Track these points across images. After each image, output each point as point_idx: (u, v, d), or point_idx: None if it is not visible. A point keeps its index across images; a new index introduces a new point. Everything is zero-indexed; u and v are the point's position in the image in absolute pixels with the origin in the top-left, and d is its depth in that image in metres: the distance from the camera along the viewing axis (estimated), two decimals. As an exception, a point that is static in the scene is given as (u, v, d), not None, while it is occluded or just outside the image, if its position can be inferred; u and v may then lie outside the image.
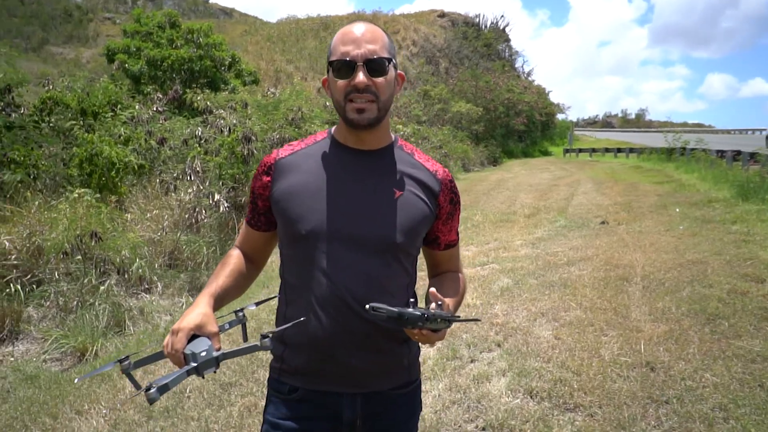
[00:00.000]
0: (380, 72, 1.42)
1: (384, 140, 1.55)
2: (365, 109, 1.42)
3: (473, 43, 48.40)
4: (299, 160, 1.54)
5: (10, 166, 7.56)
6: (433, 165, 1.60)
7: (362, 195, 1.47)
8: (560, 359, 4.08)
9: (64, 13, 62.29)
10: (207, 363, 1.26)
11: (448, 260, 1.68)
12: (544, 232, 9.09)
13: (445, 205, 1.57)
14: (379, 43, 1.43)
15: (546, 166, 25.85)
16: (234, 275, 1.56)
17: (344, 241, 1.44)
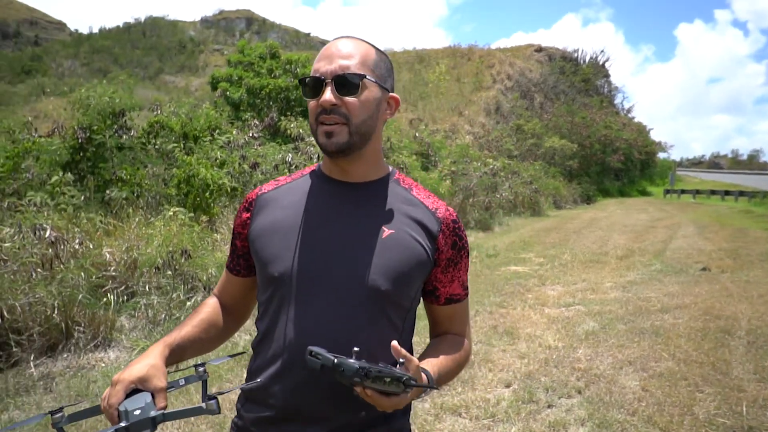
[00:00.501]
0: (351, 90, 1.22)
1: (373, 173, 1.34)
2: (333, 132, 1.23)
3: (570, 78, 47.42)
4: (281, 195, 1.37)
5: (117, 184, 8.14)
6: (434, 202, 1.36)
7: (343, 232, 1.28)
8: (647, 413, 3.76)
9: (179, 45, 67.36)
10: (140, 424, 1.08)
11: (450, 319, 1.41)
12: (637, 275, 8.57)
13: (446, 249, 1.32)
14: (357, 59, 1.25)
15: (644, 207, 24.62)
16: (203, 325, 1.38)
17: (317, 286, 1.25)
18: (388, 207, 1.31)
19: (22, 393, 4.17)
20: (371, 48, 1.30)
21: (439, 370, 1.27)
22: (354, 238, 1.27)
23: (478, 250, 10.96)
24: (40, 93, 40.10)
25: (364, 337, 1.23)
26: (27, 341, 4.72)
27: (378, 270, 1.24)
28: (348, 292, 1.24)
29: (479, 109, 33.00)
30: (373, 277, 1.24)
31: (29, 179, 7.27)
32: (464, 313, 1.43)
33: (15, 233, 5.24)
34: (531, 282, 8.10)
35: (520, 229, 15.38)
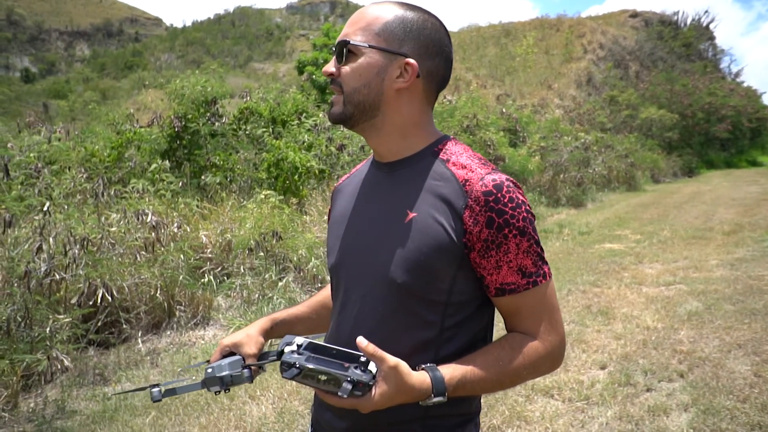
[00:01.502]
0: (341, 59, 1.17)
1: (404, 148, 1.21)
2: (333, 102, 1.20)
3: (669, 44, 44.38)
4: (347, 185, 1.38)
5: (212, 170, 8.50)
6: (469, 171, 1.14)
7: (372, 220, 1.21)
8: (760, 401, 3.48)
9: (266, 33, 69.25)
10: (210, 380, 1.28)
11: (513, 315, 1.16)
12: (747, 252, 7.94)
13: (477, 229, 1.09)
14: (361, 23, 1.16)
15: (754, 178, 22.77)
16: (315, 306, 1.46)
17: (352, 279, 1.22)
18: (417, 186, 1.16)
19: (132, 367, 4.48)
20: (394, 8, 1.17)
21: (465, 374, 1.07)
22: (379, 225, 1.19)
23: (570, 228, 10.57)
24: (141, 86, 42.62)
25: (393, 337, 1.13)
26: (134, 319, 5.06)
27: (395, 260, 1.13)
28: (373, 287, 1.16)
29: (569, 81, 31.63)
30: (391, 268, 1.13)
31: (132, 167, 7.73)
32: (534, 307, 1.15)
33: (121, 218, 5.60)
34: (627, 260, 7.72)
35: (614, 204, 14.69)
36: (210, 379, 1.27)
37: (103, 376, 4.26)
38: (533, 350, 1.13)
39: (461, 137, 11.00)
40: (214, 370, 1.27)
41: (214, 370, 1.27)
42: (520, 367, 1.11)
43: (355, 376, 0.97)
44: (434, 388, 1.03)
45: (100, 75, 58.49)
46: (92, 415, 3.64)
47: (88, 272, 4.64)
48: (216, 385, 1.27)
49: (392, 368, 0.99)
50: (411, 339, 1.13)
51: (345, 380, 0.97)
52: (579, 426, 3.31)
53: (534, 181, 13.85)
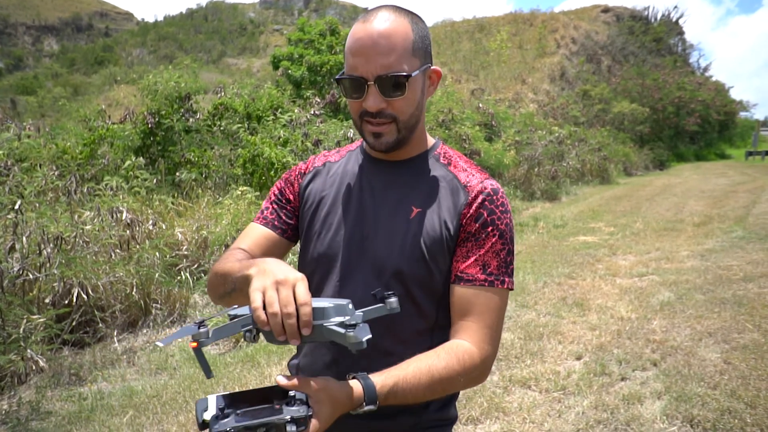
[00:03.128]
0: (397, 91, 1.14)
1: (416, 149, 1.29)
2: (382, 132, 1.18)
3: (640, 39, 45.05)
4: (330, 171, 1.35)
5: (186, 166, 8.41)
6: (470, 175, 1.25)
7: (376, 213, 1.24)
8: (730, 387, 3.58)
9: (240, 28, 68.54)
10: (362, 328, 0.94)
11: (463, 312, 1.18)
12: (717, 243, 8.14)
13: (468, 222, 1.20)
14: (397, 51, 1.12)
15: (723, 171, 23.29)
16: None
17: (349, 268, 1.22)
18: (421, 184, 1.25)
19: (108, 366, 4.42)
20: (407, 23, 1.16)
21: (397, 381, 1.06)
22: (385, 218, 1.23)
23: (545, 221, 10.70)
24: (113, 82, 41.89)
25: (393, 325, 1.16)
26: (110, 318, 5.00)
27: (403, 252, 1.19)
28: (374, 276, 1.19)
29: (543, 76, 31.94)
30: (398, 259, 1.19)
31: (105, 164, 7.61)
32: (483, 310, 1.17)
33: (94, 216, 5.51)
34: (601, 252, 7.85)
35: (588, 198, 14.90)
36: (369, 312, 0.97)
37: (78, 376, 4.20)
38: (469, 357, 1.14)
39: (437, 132, 11.05)
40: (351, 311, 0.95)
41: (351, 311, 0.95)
42: (454, 374, 1.11)
43: (292, 413, 0.92)
44: (366, 397, 1.02)
45: (69, 70, 57.28)
46: (68, 415, 3.59)
47: (63, 271, 4.56)
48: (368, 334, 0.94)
49: (320, 389, 0.97)
50: (411, 326, 1.20)
51: (286, 422, 0.90)
52: (556, 416, 3.37)
53: (509, 175, 13.98)
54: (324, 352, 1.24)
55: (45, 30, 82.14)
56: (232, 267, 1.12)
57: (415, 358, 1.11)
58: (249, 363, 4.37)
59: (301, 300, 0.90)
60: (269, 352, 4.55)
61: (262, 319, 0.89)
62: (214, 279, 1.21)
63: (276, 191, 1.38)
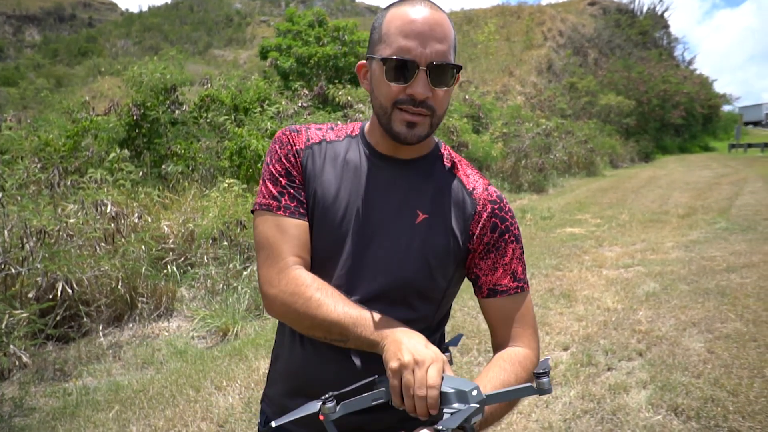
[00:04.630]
0: (444, 81, 1.10)
1: (424, 148, 1.24)
2: (417, 123, 1.11)
3: (626, 32, 45.27)
4: (328, 154, 1.23)
5: (173, 159, 8.33)
6: (474, 180, 1.24)
7: (381, 213, 1.18)
8: (713, 376, 3.62)
9: (226, 19, 67.92)
10: (478, 409, 0.92)
11: (504, 320, 1.20)
12: (701, 234, 8.22)
13: (482, 233, 1.19)
14: (449, 41, 1.10)
15: (707, 163, 23.53)
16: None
17: (354, 270, 1.16)
18: (427, 188, 1.21)
19: (93, 361, 4.38)
20: (449, 19, 1.14)
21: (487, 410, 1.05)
22: (389, 221, 1.17)
23: (533, 213, 10.75)
24: (97, 73, 41.36)
25: None
26: (95, 312, 4.95)
27: (406, 258, 1.16)
28: (377, 280, 1.15)
29: (530, 68, 32.01)
30: (402, 265, 1.15)
31: (89, 157, 7.52)
32: (522, 313, 1.20)
33: (78, 209, 5.45)
34: (588, 243, 7.90)
35: (575, 190, 14.99)
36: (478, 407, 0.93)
37: (63, 371, 4.16)
38: (530, 362, 1.16)
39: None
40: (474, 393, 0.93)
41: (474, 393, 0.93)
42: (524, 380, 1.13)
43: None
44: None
45: (52, 61, 56.43)
46: (52, 411, 3.56)
47: (46, 265, 4.50)
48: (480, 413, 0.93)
49: None
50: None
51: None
52: (543, 406, 3.39)
53: (497, 167, 14.01)
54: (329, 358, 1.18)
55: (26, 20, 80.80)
56: (339, 318, 1.08)
57: (487, 378, 1.09)
58: (237, 356, 4.35)
59: (431, 383, 0.93)
60: (257, 345, 4.54)
61: (398, 402, 0.97)
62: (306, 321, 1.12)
63: (281, 171, 1.21)
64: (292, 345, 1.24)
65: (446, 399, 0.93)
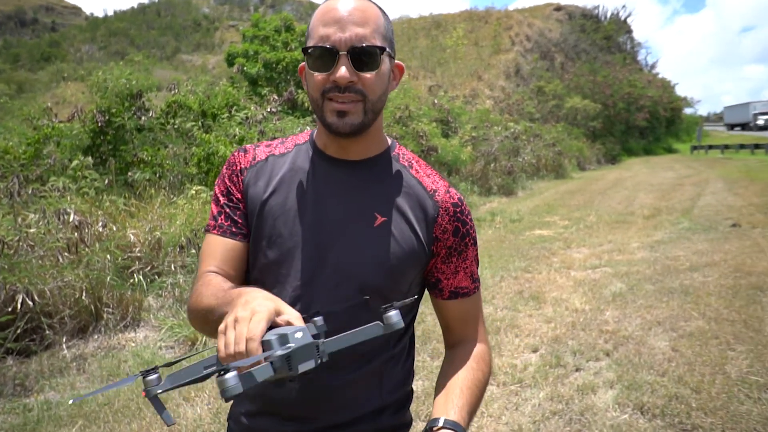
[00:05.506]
0: (370, 64, 1.07)
1: (374, 148, 1.20)
2: (348, 111, 1.07)
3: (591, 36, 46.19)
4: (275, 167, 1.21)
5: (139, 166, 8.19)
6: (434, 183, 1.21)
7: (335, 218, 1.14)
8: (677, 374, 3.70)
9: (194, 23, 67.19)
10: (304, 349, 0.82)
11: (461, 320, 1.23)
12: (665, 234, 8.41)
13: (445, 237, 1.18)
14: (371, 25, 1.08)
15: (670, 165, 24.10)
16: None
17: (310, 281, 1.13)
18: (383, 189, 1.17)
19: (56, 374, 4.26)
20: (376, 8, 1.13)
21: (469, 410, 1.09)
22: (345, 226, 1.14)
23: (502, 216, 10.86)
24: (60, 79, 40.51)
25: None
26: (59, 324, 4.82)
27: (367, 263, 1.12)
28: (337, 286, 1.12)
29: (499, 72, 32.40)
30: (362, 270, 1.12)
31: (51, 165, 7.34)
32: (477, 310, 1.25)
33: (40, 219, 5.31)
34: (556, 245, 8.00)
35: (543, 192, 15.19)
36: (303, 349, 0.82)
37: (23, 386, 4.04)
38: (489, 356, 1.23)
39: (394, 128, 11.06)
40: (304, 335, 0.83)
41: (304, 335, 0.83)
42: (488, 377, 1.20)
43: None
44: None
45: (13, 67, 55.08)
46: (11, 428, 3.45)
47: (5, 277, 4.38)
48: (311, 359, 0.83)
49: None
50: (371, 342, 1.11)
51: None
52: (513, 408, 3.42)
53: (466, 170, 14.11)
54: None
55: (-14, 25, 78.74)
56: (209, 303, 1.06)
57: (461, 378, 1.14)
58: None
59: (249, 335, 0.83)
60: (226, 354, 4.47)
61: (223, 359, 0.85)
62: (195, 317, 1.12)
63: (222, 191, 1.22)
64: None
65: (268, 347, 0.83)
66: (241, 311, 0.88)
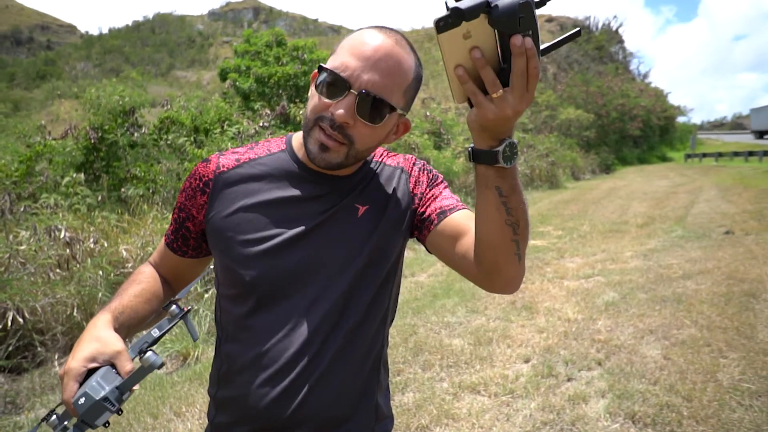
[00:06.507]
0: (371, 117, 1.04)
1: (355, 167, 1.22)
2: (330, 148, 1.06)
3: (583, 47, 46.56)
4: (246, 177, 1.17)
5: (132, 182, 8.20)
6: (394, 158, 1.26)
7: (323, 231, 1.14)
8: (669, 382, 3.70)
9: (188, 40, 67.50)
10: (92, 410, 0.88)
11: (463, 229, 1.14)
12: (658, 242, 8.43)
13: (420, 189, 1.22)
14: (396, 79, 1.05)
15: (664, 173, 24.20)
16: (146, 296, 1.16)
17: (300, 288, 1.12)
18: (363, 187, 1.20)
19: (47, 392, 4.24)
20: (414, 61, 1.09)
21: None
22: (331, 232, 1.14)
23: (496, 227, 10.84)
24: (56, 97, 40.58)
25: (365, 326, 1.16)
26: (51, 341, 4.80)
27: (354, 249, 1.14)
28: (338, 280, 1.12)
29: (492, 84, 32.55)
30: (349, 256, 1.13)
31: (43, 182, 7.35)
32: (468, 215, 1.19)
33: (31, 236, 5.31)
34: (549, 255, 8.02)
35: (537, 202, 15.22)
36: (91, 409, 0.88)
37: (14, 404, 4.02)
38: None
39: (387, 141, 11.12)
40: (87, 398, 0.88)
41: (87, 398, 0.88)
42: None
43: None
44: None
45: (9, 85, 55.18)
46: (3, 446, 3.43)
47: (-4, 294, 4.37)
48: (104, 412, 0.89)
49: None
50: (376, 317, 1.19)
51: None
52: (504, 419, 3.41)
53: (460, 182, 14.14)
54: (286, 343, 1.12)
55: (-19, 44, 78.88)
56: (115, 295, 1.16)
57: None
58: (197, 381, 4.27)
59: (64, 398, 0.93)
60: (218, 369, 4.46)
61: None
62: None
63: (179, 205, 1.22)
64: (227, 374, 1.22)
65: (78, 407, 0.90)
66: (67, 363, 0.95)
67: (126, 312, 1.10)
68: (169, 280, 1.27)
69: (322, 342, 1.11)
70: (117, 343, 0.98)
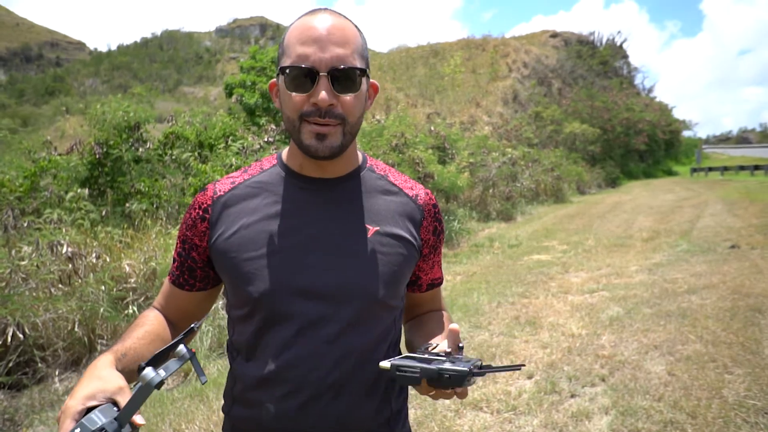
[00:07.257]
0: (350, 87, 1.06)
1: (351, 164, 1.20)
2: (327, 134, 1.06)
3: (588, 62, 46.65)
4: (242, 197, 1.17)
5: (137, 197, 8.23)
6: (413, 187, 1.25)
7: (325, 237, 1.13)
8: (673, 398, 3.65)
9: (196, 57, 68.20)
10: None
11: (431, 300, 1.36)
12: (663, 257, 8.37)
13: (428, 237, 1.24)
14: (351, 46, 1.06)
15: (670, 187, 24.09)
16: (149, 337, 1.13)
17: (311, 302, 1.10)
18: (368, 201, 1.18)
19: (47, 408, 4.22)
20: (354, 26, 1.11)
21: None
22: (338, 242, 1.13)
23: (500, 241, 10.83)
24: (63, 113, 40.97)
25: (365, 348, 1.14)
26: (52, 357, 4.79)
27: (370, 276, 1.13)
28: (341, 304, 1.11)
29: (497, 99, 32.63)
30: (365, 283, 1.12)
31: (47, 197, 7.38)
32: (441, 291, 1.40)
33: (33, 251, 5.32)
34: (554, 270, 7.97)
35: (542, 217, 15.17)
36: None
37: (13, 420, 4.00)
38: (449, 318, 1.33)
39: (390, 156, 11.11)
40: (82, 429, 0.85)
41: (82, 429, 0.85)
42: None
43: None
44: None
45: (18, 101, 55.79)
46: (1, 462, 3.41)
47: (-3, 310, 4.37)
48: None
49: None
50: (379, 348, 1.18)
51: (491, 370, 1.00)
52: (506, 436, 3.36)
53: (464, 196, 14.13)
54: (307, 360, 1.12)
55: (-8, 61, 79.91)
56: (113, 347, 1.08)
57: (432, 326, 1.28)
58: (197, 397, 4.24)
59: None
60: (219, 385, 4.43)
61: None
62: None
63: (181, 237, 1.22)
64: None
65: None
66: (66, 403, 0.91)
67: (129, 354, 1.07)
68: (175, 322, 1.25)
69: (335, 358, 1.11)
70: (119, 380, 0.95)
